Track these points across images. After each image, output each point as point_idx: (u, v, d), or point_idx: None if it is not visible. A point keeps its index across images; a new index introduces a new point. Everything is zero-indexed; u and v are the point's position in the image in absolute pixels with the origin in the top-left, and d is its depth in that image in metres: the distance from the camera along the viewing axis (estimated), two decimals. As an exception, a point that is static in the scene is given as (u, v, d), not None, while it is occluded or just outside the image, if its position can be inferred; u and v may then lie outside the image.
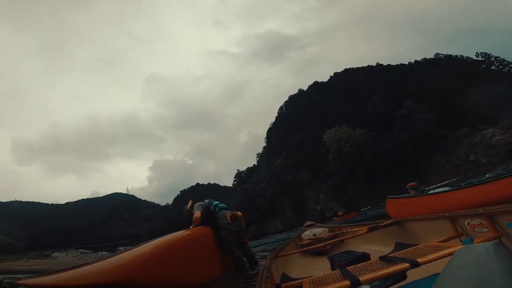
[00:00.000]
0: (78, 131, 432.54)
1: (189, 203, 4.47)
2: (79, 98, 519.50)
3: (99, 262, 2.39)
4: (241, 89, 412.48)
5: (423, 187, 6.13)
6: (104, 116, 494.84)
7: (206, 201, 4.36)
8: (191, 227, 3.83)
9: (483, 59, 53.04)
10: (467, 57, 56.29)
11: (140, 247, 2.71)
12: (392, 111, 47.29)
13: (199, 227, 3.83)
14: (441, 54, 61.34)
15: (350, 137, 47.08)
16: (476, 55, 54.15)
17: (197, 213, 3.96)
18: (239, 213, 4.15)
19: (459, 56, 57.88)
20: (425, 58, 63.30)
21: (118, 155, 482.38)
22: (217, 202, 4.34)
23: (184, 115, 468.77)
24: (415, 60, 64.16)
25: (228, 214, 3.98)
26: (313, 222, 5.75)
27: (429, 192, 5.22)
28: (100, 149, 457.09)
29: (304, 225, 5.58)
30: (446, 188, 4.77)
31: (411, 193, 5.96)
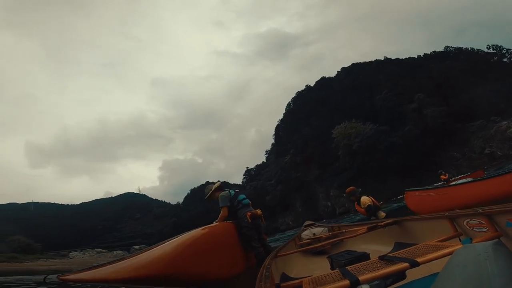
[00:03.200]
0: (89, 134, 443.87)
1: (216, 183, 4.32)
2: (88, 101, 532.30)
3: (130, 259, 2.43)
4: (247, 88, 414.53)
5: (360, 189, 5.94)
6: (113, 119, 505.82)
7: (232, 192, 4.20)
8: (215, 221, 3.79)
9: (495, 51, 51.34)
10: (478, 50, 54.72)
11: (166, 243, 2.73)
12: (402, 104, 46.41)
13: (223, 223, 3.80)
14: (451, 47, 59.77)
15: (360, 132, 46.47)
16: (487, 47, 52.44)
17: (224, 211, 3.88)
18: (259, 211, 4.05)
19: (469, 49, 56.30)
20: (435, 51, 61.78)
21: (128, 156, 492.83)
22: (243, 197, 4.19)
23: (192, 115, 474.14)
24: (425, 54, 62.67)
25: (248, 213, 3.90)
26: (313, 222, 5.74)
27: (451, 184, 5.04)
28: (110, 150, 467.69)
29: (304, 224, 5.57)
30: (469, 179, 4.66)
31: (352, 198, 5.89)
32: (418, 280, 1.60)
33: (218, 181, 4.40)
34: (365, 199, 5.48)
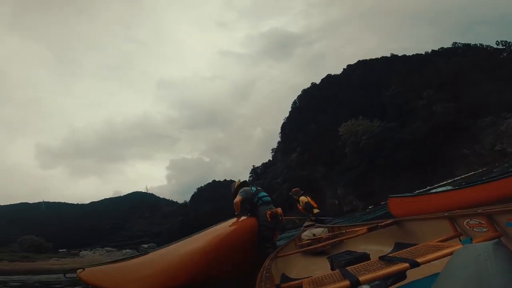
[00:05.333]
0: (96, 135, 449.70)
1: (237, 181, 4.44)
2: (95, 104, 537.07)
3: (149, 262, 2.35)
4: (251, 87, 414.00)
5: (303, 191, 6.89)
6: (120, 120, 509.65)
7: (254, 188, 4.25)
8: (236, 214, 3.82)
9: (504, 47, 50.34)
10: (487, 46, 53.71)
11: (188, 242, 2.70)
12: (411, 101, 45.82)
13: (248, 218, 3.79)
14: (459, 43, 58.88)
15: (367, 129, 46.10)
16: (496, 43, 51.53)
17: (237, 199, 3.93)
18: (279, 210, 4.03)
19: (478, 45, 55.27)
20: (443, 47, 60.97)
21: (136, 156, 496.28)
22: (263, 194, 4.20)
23: (197, 115, 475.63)
24: (432, 50, 61.81)
25: (268, 212, 3.87)
26: (313, 222, 5.73)
27: (431, 191, 5.24)
28: (118, 151, 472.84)
29: (304, 225, 5.57)
30: (448, 187, 4.82)
31: (295, 197, 6.71)
32: (418, 281, 1.59)
33: (239, 179, 4.53)
34: (303, 198, 6.52)
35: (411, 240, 2.58)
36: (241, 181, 4.50)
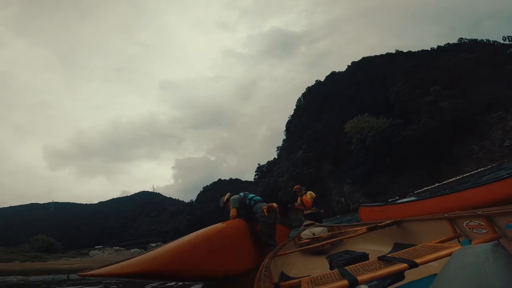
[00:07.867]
0: (103, 136, 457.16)
1: (226, 195, 4.57)
2: (100, 106, 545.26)
3: (138, 256, 2.62)
4: (255, 87, 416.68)
5: (304, 188, 7.21)
6: (125, 122, 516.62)
7: (242, 194, 4.42)
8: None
9: (511, 42, 49.87)
10: (493, 41, 53.24)
11: (176, 240, 2.94)
12: (417, 97, 45.20)
13: (233, 220, 3.96)
14: (465, 39, 58.45)
15: (373, 126, 45.65)
16: (503, 38, 51.00)
17: (232, 211, 4.09)
18: (274, 204, 4.17)
19: (485, 40, 54.74)
20: (448, 43, 60.34)
21: (142, 156, 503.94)
22: (252, 195, 4.37)
23: (202, 115, 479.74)
24: (438, 46, 61.30)
25: (265, 207, 4.01)
26: (312, 222, 5.75)
27: (397, 201, 5.53)
28: (124, 152, 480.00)
29: (303, 224, 5.59)
30: (413, 198, 5.22)
31: (299, 194, 7.04)
32: (416, 281, 1.58)
33: (228, 193, 4.63)
34: (312, 193, 6.88)
35: (410, 240, 2.57)
36: (229, 194, 4.65)
